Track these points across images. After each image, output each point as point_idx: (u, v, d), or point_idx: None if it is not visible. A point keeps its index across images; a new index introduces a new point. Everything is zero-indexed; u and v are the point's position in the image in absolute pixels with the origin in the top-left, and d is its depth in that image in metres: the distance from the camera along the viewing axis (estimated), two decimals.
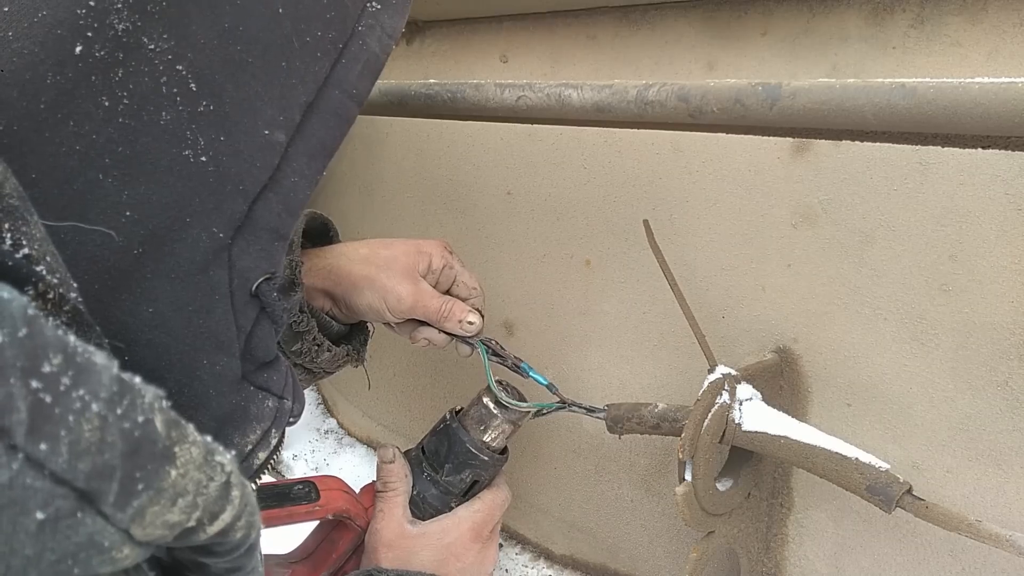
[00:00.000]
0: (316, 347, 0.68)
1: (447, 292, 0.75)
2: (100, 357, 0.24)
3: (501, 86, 0.85)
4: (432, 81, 0.94)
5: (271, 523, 0.67)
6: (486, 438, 0.73)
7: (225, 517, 0.30)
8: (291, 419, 0.46)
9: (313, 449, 1.20)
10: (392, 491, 0.73)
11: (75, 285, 0.30)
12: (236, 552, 0.32)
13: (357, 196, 1.13)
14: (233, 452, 0.39)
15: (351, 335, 0.76)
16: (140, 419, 0.25)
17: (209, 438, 0.29)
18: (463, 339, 0.73)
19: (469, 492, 0.75)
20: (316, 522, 0.74)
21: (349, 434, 1.23)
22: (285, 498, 0.69)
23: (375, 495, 0.74)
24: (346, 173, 1.14)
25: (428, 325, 0.73)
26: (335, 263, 0.71)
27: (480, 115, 0.91)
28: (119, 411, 0.24)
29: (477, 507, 0.74)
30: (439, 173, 0.99)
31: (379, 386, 1.14)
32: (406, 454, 0.77)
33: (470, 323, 0.72)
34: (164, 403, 0.27)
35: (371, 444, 1.19)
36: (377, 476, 0.75)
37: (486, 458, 0.73)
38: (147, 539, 0.27)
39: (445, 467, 0.73)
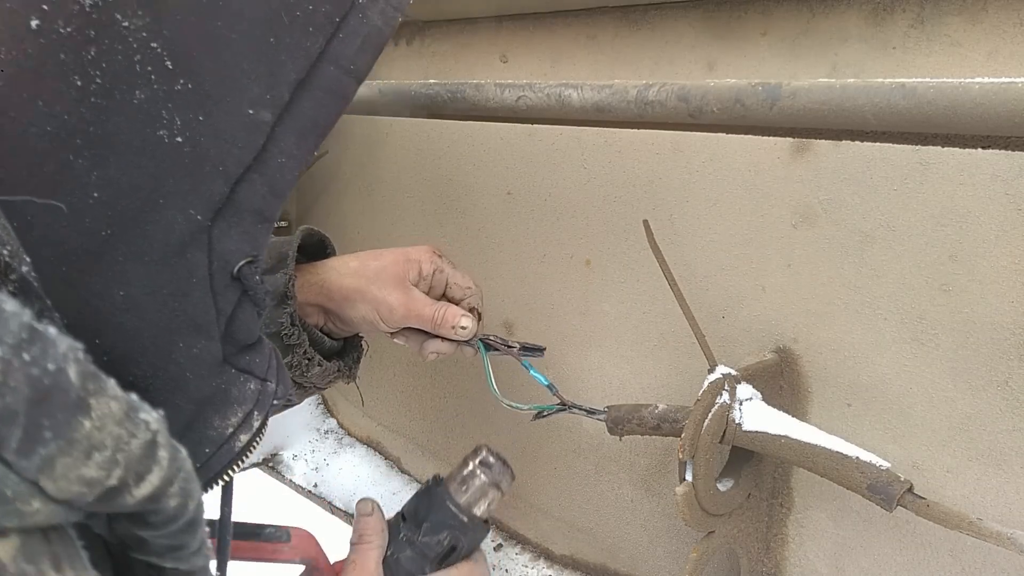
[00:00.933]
0: (307, 360, 0.67)
1: (442, 295, 0.74)
2: (11, 304, 0.24)
3: (501, 86, 0.85)
4: (432, 81, 0.94)
5: (236, 554, 0.65)
6: (467, 500, 0.70)
7: (152, 479, 0.29)
8: (275, 401, 0.45)
9: (313, 449, 1.20)
10: (367, 543, 0.69)
11: (28, 260, 0.30)
12: (173, 524, 0.32)
13: (357, 196, 1.13)
14: (213, 434, 0.38)
15: (344, 351, 0.76)
16: (51, 367, 0.25)
17: (134, 396, 0.29)
18: (462, 343, 0.73)
19: (446, 560, 0.71)
20: (283, 567, 0.72)
21: (349, 434, 1.23)
22: (256, 535, 0.67)
23: (349, 546, 0.70)
24: (346, 173, 1.14)
25: (428, 334, 0.73)
26: (326, 277, 0.71)
27: (480, 115, 0.91)
28: (26, 356, 0.24)
29: None
30: (439, 173, 0.99)
31: (379, 386, 1.14)
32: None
33: (463, 328, 0.71)
34: (81, 354, 0.27)
35: (371, 444, 1.19)
36: (353, 528, 0.71)
37: (465, 520, 0.70)
38: (62, 495, 0.26)
39: (423, 526, 0.70)
